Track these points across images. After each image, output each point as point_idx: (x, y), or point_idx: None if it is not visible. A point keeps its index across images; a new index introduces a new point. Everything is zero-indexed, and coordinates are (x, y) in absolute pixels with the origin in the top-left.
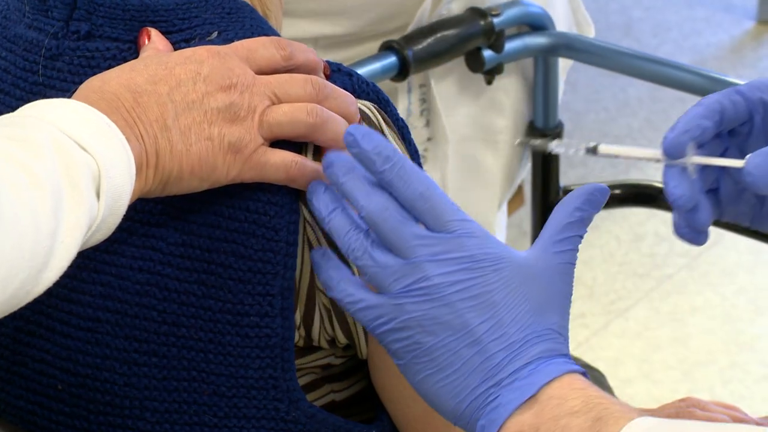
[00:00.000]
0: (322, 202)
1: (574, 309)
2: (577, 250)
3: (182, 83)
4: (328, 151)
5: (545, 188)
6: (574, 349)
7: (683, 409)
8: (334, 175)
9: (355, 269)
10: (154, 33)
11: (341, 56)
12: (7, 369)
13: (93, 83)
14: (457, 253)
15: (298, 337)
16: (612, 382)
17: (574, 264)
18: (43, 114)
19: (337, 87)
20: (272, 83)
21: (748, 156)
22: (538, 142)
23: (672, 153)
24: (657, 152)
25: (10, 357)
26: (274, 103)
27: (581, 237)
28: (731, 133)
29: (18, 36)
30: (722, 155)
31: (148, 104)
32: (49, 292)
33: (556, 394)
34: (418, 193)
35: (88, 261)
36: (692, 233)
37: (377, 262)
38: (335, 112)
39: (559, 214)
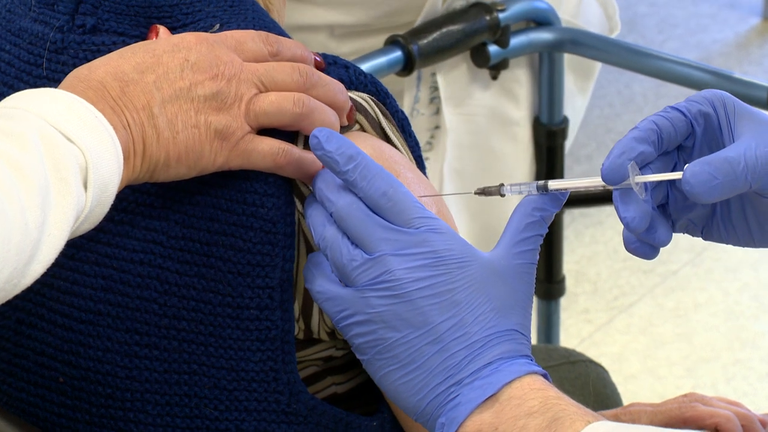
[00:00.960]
0: (307, 199)
1: (579, 304)
2: (538, 249)
3: (170, 71)
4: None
5: None
6: (578, 345)
7: (686, 404)
8: (313, 182)
9: None
10: (163, 30)
11: (357, 46)
12: (9, 361)
13: (80, 72)
14: (421, 248)
15: (298, 329)
16: (615, 377)
17: (535, 263)
18: (29, 105)
19: (325, 75)
20: (259, 71)
21: (686, 166)
22: (492, 188)
23: (611, 178)
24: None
25: (12, 349)
26: (261, 91)
27: (542, 236)
28: (680, 148)
29: (23, 29)
30: (672, 171)
31: (135, 93)
32: (51, 285)
33: (516, 395)
34: (381, 192)
35: (89, 254)
36: (644, 248)
37: (344, 254)
38: (323, 100)
39: (519, 214)
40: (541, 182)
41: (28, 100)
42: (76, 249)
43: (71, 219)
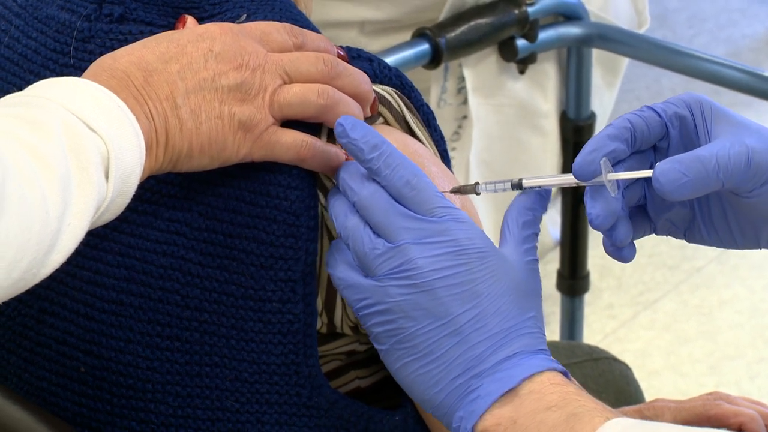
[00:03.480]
0: (331, 191)
1: (603, 300)
2: (537, 248)
3: (194, 61)
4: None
5: None
6: (601, 340)
7: (710, 402)
8: (337, 174)
9: None
10: (190, 20)
11: (387, 43)
12: (31, 350)
13: (104, 61)
14: (443, 237)
15: (321, 323)
16: (638, 374)
17: (538, 261)
18: (52, 94)
19: (350, 65)
20: (284, 61)
21: (657, 164)
22: (467, 186)
23: (582, 174)
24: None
25: (34, 338)
26: (285, 82)
27: (537, 235)
28: (656, 149)
29: (50, 17)
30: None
31: (158, 83)
32: (74, 275)
33: (536, 389)
34: (405, 181)
35: (113, 244)
36: (616, 251)
37: (365, 244)
38: (347, 90)
39: (514, 213)
40: (516, 180)
41: (51, 88)
42: (99, 239)
43: (92, 209)
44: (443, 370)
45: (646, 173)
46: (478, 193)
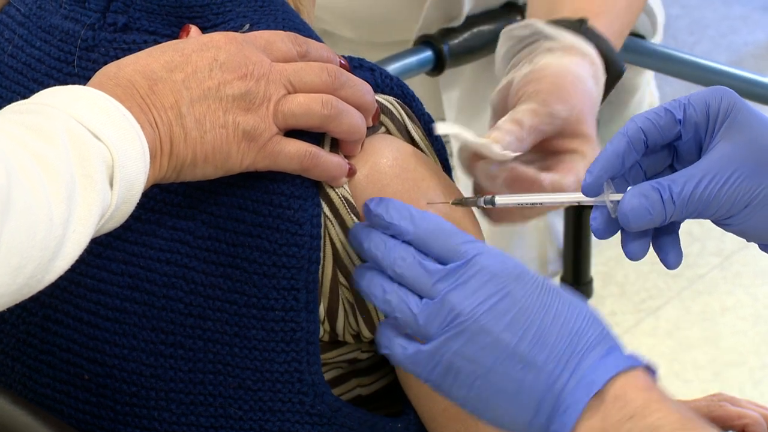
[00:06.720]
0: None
1: (606, 306)
2: None
3: (198, 70)
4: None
5: None
6: None
7: (714, 403)
8: (358, 246)
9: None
10: (194, 30)
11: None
12: (35, 358)
13: (109, 69)
14: (473, 271)
15: (323, 331)
16: None
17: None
18: (57, 102)
19: (353, 76)
20: (288, 71)
21: (627, 194)
22: (470, 199)
23: (590, 193)
24: (553, 197)
25: (38, 345)
26: (289, 92)
27: None
28: (670, 146)
29: (53, 26)
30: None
31: (163, 91)
32: (78, 283)
33: (620, 394)
34: (429, 231)
35: (117, 253)
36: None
37: (414, 311)
38: (351, 101)
39: None
40: (489, 197)
41: (57, 96)
42: (103, 247)
43: (96, 216)
44: (525, 399)
45: (616, 196)
46: (479, 207)
